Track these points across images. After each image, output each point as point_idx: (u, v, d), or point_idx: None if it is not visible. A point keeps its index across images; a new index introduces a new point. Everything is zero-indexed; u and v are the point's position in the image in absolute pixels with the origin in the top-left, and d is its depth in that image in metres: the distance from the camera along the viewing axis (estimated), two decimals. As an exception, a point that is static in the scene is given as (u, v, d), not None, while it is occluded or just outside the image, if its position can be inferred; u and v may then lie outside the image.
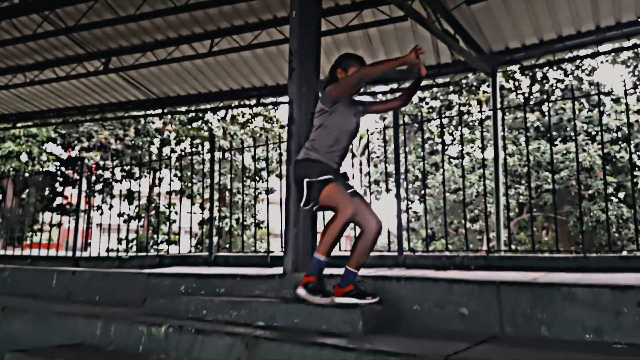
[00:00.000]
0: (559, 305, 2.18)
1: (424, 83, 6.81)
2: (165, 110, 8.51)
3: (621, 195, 13.70)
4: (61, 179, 17.14)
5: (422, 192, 15.19)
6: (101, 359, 2.33)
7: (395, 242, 4.83)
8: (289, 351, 2.00)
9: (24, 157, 16.41)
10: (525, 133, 6.93)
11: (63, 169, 18.29)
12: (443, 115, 16.06)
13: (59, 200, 18.35)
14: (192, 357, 2.23)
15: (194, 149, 20.74)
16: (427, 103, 18.78)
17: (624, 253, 7.88)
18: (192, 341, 2.28)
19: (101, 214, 8.75)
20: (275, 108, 21.82)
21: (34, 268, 4.95)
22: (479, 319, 2.33)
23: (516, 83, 17.21)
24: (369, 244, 2.51)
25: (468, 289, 2.42)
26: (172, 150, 20.96)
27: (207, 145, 20.78)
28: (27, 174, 15.27)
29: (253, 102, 8.10)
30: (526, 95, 17.01)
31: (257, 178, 15.23)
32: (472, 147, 16.13)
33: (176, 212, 17.03)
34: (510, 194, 13.53)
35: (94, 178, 12.66)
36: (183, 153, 19.03)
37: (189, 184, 14.72)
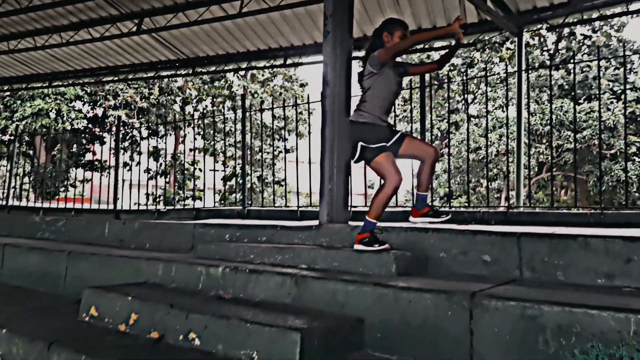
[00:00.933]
0: (574, 253, 2.43)
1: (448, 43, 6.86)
2: (196, 70, 8.69)
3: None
4: (89, 136, 17.64)
5: (442, 151, 15.25)
6: (167, 294, 2.67)
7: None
8: (333, 287, 2.31)
9: (52, 115, 16.90)
10: (549, 92, 6.95)
11: (90, 126, 18.79)
12: (466, 75, 15.86)
13: (87, 157, 18.97)
14: (247, 293, 2.57)
15: (215, 108, 20.99)
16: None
17: (641, 211, 8.01)
18: (246, 279, 2.62)
19: (129, 170, 9.14)
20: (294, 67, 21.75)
21: (87, 218, 5.37)
22: (500, 265, 2.60)
23: (541, 40, 16.77)
24: (386, 197, 2.87)
25: (490, 239, 2.68)
26: (195, 109, 21.24)
27: (229, 104, 20.91)
28: (57, 132, 15.78)
29: (280, 62, 8.21)
30: (552, 52, 16.60)
31: (279, 137, 15.48)
32: (493, 106, 16.01)
33: (200, 169, 17.57)
34: (531, 153, 13.56)
35: (121, 135, 13.07)
36: (212, 112, 19.24)
37: (212, 142, 15.09)
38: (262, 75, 21.29)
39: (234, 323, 2.03)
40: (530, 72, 11.65)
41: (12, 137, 14.11)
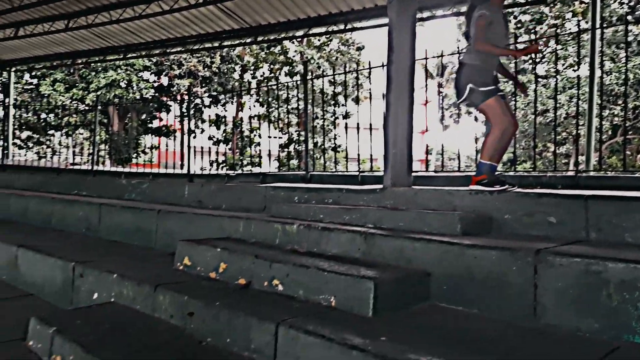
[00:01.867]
0: (644, 216, 2.44)
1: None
2: (258, 39, 8.91)
3: None
4: (157, 105, 18.59)
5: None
6: (249, 247, 2.97)
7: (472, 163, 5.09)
8: (401, 244, 2.49)
9: (123, 85, 17.94)
10: (626, 48, 6.52)
11: (158, 95, 19.75)
12: (534, 32, 14.96)
13: (155, 126, 20.04)
14: (320, 248, 2.81)
15: (272, 75, 21.27)
16: (515, 17, 17.46)
17: None
18: (319, 236, 2.86)
19: (194, 137, 9.65)
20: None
21: (166, 181, 5.85)
22: (566, 227, 2.65)
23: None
24: (495, 140, 3.22)
25: (556, 201, 2.72)
26: (253, 76, 21.65)
27: (285, 70, 21.02)
28: (128, 101, 16.79)
29: (340, 27, 8.23)
30: (632, 4, 15.21)
31: (335, 102, 15.56)
32: (563, 65, 15.08)
33: (259, 136, 18.13)
34: (604, 115, 12.76)
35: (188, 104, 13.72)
36: (270, 79, 19.55)
37: (271, 110, 15.47)
38: (319, 40, 21.19)
39: (313, 272, 2.28)
40: (605, 28, 10.84)
41: (91, 107, 15.24)
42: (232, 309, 2.10)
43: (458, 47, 5.69)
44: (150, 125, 19.49)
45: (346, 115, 16.53)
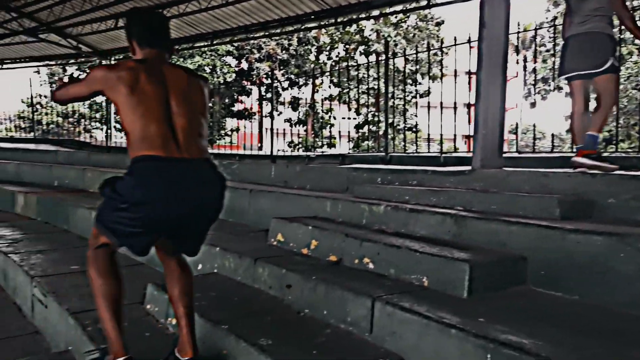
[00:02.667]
0: None
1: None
2: (338, 20, 8.92)
3: None
4: (238, 89, 19.36)
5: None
6: (338, 226, 3.08)
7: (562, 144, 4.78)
8: (495, 227, 2.45)
9: (208, 70, 18.84)
10: None
11: (239, 79, 20.53)
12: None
13: (235, 109, 20.89)
14: (408, 229, 2.84)
15: (348, 55, 21.16)
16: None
17: None
18: (407, 217, 2.89)
19: (272, 120, 9.94)
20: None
21: (253, 162, 6.15)
22: (680, 213, 2.45)
23: None
24: (608, 114, 3.30)
25: (670, 185, 2.52)
26: (328, 57, 21.71)
27: (361, 49, 20.78)
28: (213, 85, 17.63)
29: (423, 3, 7.98)
30: None
31: (412, 82, 15.21)
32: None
33: (334, 117, 18.26)
34: None
35: (267, 87, 14.18)
36: (345, 59, 19.53)
37: (345, 90, 15.45)
38: (396, 17, 20.69)
39: (404, 252, 2.32)
40: None
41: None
42: (327, 283, 2.21)
43: (547, 18, 5.30)
44: (232, 108, 20.36)
45: (426, 94, 16.11)
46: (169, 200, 1.66)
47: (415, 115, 13.13)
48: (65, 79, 2.03)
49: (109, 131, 12.89)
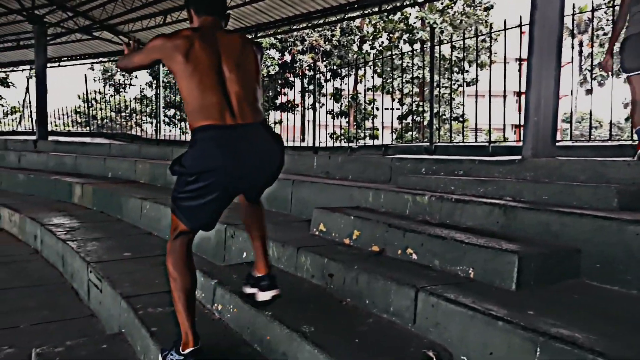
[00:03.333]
0: None
1: None
2: (382, 8, 8.78)
3: None
4: (282, 81, 19.53)
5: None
6: (380, 216, 3.05)
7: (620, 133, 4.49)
8: (547, 218, 2.34)
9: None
10: None
11: (281, 72, 20.71)
12: None
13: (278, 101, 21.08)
14: (454, 220, 2.77)
15: (391, 44, 20.83)
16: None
17: None
18: (452, 207, 2.81)
19: (315, 111, 9.94)
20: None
21: (296, 153, 6.18)
22: None
23: None
24: None
25: None
26: (371, 47, 21.45)
27: (405, 37, 20.36)
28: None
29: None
30: None
31: (459, 69, 14.78)
32: None
33: (377, 108, 18.06)
34: None
35: (310, 79, 14.17)
36: (389, 47, 19.27)
37: (388, 80, 15.26)
38: (442, 3, 20.11)
39: (449, 242, 2.26)
40: None
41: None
42: (370, 273, 2.19)
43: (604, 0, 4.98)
44: (275, 101, 20.59)
45: (473, 82, 15.62)
46: (231, 166, 1.75)
47: (462, 105, 12.75)
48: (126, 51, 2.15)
49: (158, 125, 13.37)
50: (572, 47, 6.74)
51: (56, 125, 16.92)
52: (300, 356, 1.79)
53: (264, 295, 2.02)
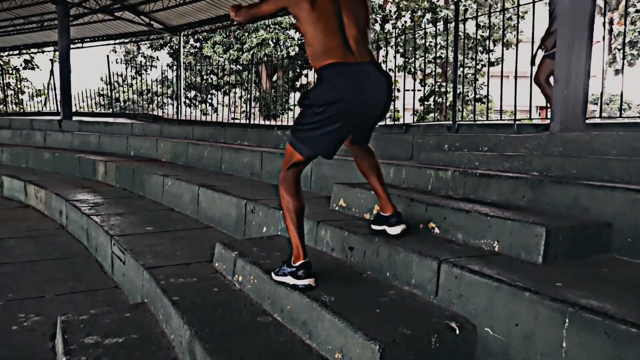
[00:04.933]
0: None
1: None
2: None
3: None
4: (302, 62, 19.35)
5: None
6: (402, 192, 3.00)
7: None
8: (576, 191, 2.25)
9: (271, 44, 18.96)
10: None
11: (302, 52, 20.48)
12: None
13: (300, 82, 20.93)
14: (478, 195, 2.70)
15: (414, 23, 20.35)
16: None
17: None
18: (476, 182, 2.74)
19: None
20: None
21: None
22: None
23: None
24: None
25: None
26: (394, 26, 21.01)
27: (428, 16, 19.89)
28: (277, 59, 17.76)
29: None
30: None
31: (483, 48, 14.33)
32: None
33: (398, 90, 17.80)
34: None
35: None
36: (411, 27, 18.84)
37: (410, 60, 14.91)
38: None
39: (474, 216, 2.20)
40: None
41: (244, 66, 16.49)
42: (391, 245, 2.16)
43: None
44: (296, 82, 20.46)
45: (498, 62, 15.19)
46: (355, 96, 1.96)
47: (486, 85, 12.42)
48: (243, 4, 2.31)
49: (179, 106, 13.45)
50: (604, 25, 6.42)
51: (80, 107, 17.20)
52: (321, 325, 1.78)
53: (394, 230, 2.24)
